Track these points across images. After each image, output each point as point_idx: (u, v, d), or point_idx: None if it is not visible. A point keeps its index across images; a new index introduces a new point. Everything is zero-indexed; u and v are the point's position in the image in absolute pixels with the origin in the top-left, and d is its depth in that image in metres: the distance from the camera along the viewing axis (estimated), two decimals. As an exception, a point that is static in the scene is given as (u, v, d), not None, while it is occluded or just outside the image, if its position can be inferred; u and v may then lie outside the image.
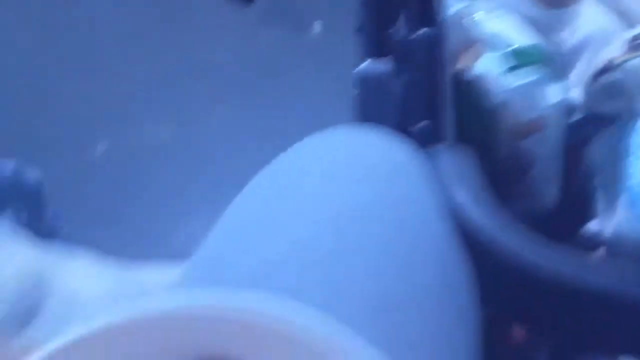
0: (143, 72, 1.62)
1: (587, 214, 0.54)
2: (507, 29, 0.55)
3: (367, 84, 0.58)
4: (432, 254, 0.33)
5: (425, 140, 0.53)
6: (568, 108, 0.55)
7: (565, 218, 0.53)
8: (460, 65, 0.57)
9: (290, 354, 0.21)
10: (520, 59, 0.53)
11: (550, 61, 0.54)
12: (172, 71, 1.62)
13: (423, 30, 0.57)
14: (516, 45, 0.54)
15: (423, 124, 0.57)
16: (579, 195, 0.54)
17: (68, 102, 1.55)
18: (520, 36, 0.55)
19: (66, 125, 1.52)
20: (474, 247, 0.39)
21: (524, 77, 0.54)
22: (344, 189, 0.33)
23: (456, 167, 0.45)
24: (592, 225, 0.54)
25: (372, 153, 0.40)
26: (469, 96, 0.52)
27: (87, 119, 1.54)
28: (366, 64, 0.59)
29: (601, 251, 0.50)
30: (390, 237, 0.31)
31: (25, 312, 0.35)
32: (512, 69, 0.54)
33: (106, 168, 1.48)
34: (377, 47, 0.59)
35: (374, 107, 0.59)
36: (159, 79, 1.60)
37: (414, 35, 0.57)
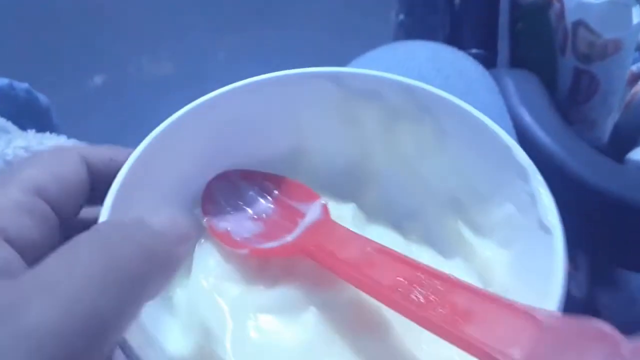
0: (144, 5, 1.56)
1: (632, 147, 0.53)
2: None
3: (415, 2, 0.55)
4: None
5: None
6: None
7: (614, 149, 0.52)
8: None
9: None
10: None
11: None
12: (173, 4, 1.56)
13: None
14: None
15: (476, 51, 0.55)
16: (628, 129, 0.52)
17: (66, 34, 1.49)
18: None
19: (64, 56, 1.47)
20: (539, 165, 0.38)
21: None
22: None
23: (521, 88, 0.44)
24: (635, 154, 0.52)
25: (448, 62, 0.38)
26: (534, 15, 0.49)
27: (86, 51, 1.49)
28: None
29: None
30: None
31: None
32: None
33: (106, 100, 1.44)
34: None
35: (421, 29, 0.56)
36: (160, 13, 1.54)
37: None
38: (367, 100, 0.26)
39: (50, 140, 0.33)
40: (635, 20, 0.43)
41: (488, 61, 0.54)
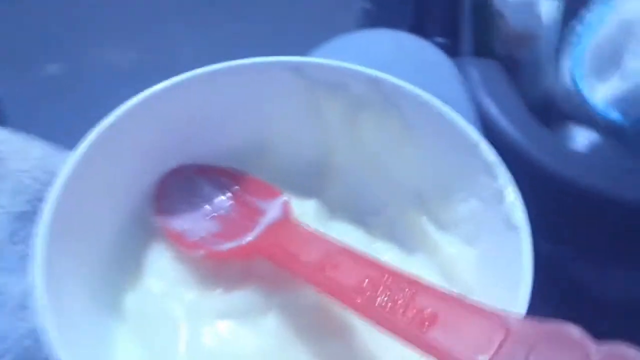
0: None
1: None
2: None
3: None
4: None
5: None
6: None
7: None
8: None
9: None
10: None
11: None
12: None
13: None
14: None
15: (440, 39, 0.54)
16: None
17: (19, 19, 1.43)
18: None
19: (22, 43, 1.41)
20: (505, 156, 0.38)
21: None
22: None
23: (486, 78, 0.44)
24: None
25: (412, 51, 0.38)
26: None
27: (44, 38, 1.43)
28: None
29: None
30: None
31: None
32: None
33: (64, 90, 1.40)
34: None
35: (386, 17, 0.55)
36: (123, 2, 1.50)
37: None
38: (331, 92, 0.25)
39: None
40: (545, 16, 0.46)
41: (452, 50, 0.53)
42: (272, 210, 0.24)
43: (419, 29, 0.55)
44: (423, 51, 0.39)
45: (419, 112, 0.24)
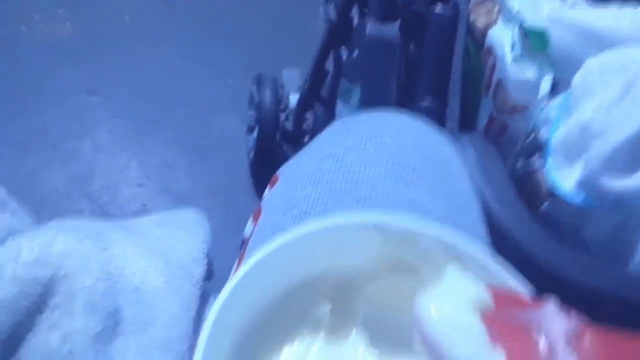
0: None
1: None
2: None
3: (374, 46, 0.56)
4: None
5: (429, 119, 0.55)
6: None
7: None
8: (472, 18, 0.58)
9: None
10: (530, 39, 0.55)
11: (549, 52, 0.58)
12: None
13: (438, 6, 0.56)
14: (528, 24, 0.56)
15: (427, 102, 0.58)
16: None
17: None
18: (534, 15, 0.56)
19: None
20: (500, 244, 0.43)
21: (523, 64, 0.57)
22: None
23: (482, 162, 0.48)
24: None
25: (431, 148, 0.41)
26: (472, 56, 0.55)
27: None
28: (372, 26, 0.57)
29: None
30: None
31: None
32: (517, 49, 0.56)
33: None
34: (386, 8, 0.57)
35: (378, 73, 0.58)
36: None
37: (428, 8, 0.56)
38: (404, 243, 0.29)
39: None
40: (541, 93, 0.52)
41: (438, 114, 0.58)
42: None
43: (407, 91, 0.59)
44: (439, 148, 0.42)
45: (479, 269, 0.28)
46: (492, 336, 0.24)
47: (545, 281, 0.45)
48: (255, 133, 1.09)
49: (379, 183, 0.38)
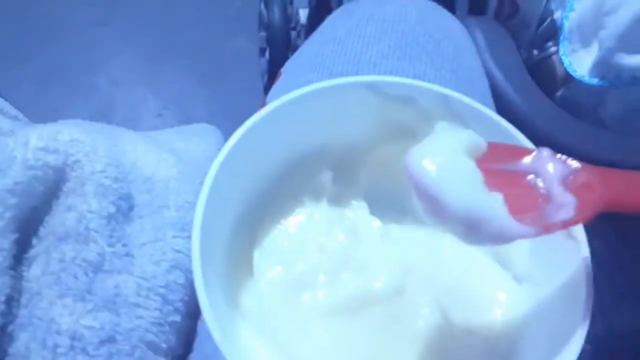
0: None
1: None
2: None
3: None
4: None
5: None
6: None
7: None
8: None
9: None
10: None
11: None
12: None
13: None
14: None
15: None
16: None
17: None
18: None
19: None
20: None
21: None
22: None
23: (492, 44, 0.47)
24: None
25: (437, 25, 0.40)
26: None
27: None
28: None
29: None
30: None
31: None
32: None
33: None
34: None
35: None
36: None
37: None
38: (401, 105, 0.28)
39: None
40: None
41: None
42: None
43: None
44: (445, 24, 0.41)
45: (484, 128, 0.28)
46: (488, 182, 0.24)
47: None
48: (267, 55, 1.07)
49: (382, 61, 0.37)
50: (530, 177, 0.24)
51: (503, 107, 0.42)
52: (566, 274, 0.25)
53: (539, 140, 0.45)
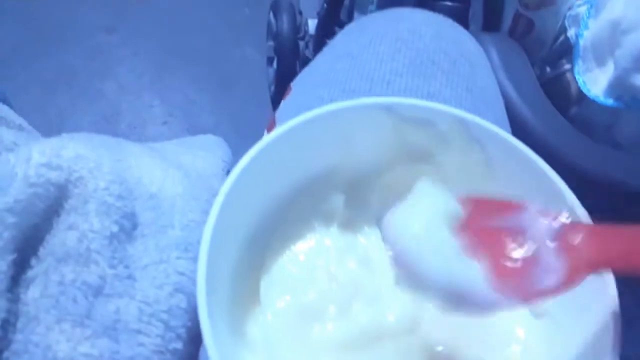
0: None
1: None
2: None
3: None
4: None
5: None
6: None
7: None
8: None
9: None
10: None
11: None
12: None
13: None
14: None
15: (449, 3, 0.55)
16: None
17: None
18: None
19: None
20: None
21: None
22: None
23: (506, 61, 0.46)
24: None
25: (453, 42, 0.39)
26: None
27: None
28: None
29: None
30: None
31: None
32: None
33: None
34: None
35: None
36: None
37: None
38: (418, 127, 0.27)
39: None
40: None
41: (461, 14, 0.55)
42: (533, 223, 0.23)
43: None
44: (461, 41, 0.40)
45: (502, 152, 0.27)
46: (468, 246, 0.23)
47: (574, 179, 0.44)
48: (275, 64, 1.06)
49: (395, 79, 0.36)
50: (518, 236, 0.23)
51: (516, 125, 0.41)
52: (589, 311, 0.24)
53: (552, 159, 0.44)
